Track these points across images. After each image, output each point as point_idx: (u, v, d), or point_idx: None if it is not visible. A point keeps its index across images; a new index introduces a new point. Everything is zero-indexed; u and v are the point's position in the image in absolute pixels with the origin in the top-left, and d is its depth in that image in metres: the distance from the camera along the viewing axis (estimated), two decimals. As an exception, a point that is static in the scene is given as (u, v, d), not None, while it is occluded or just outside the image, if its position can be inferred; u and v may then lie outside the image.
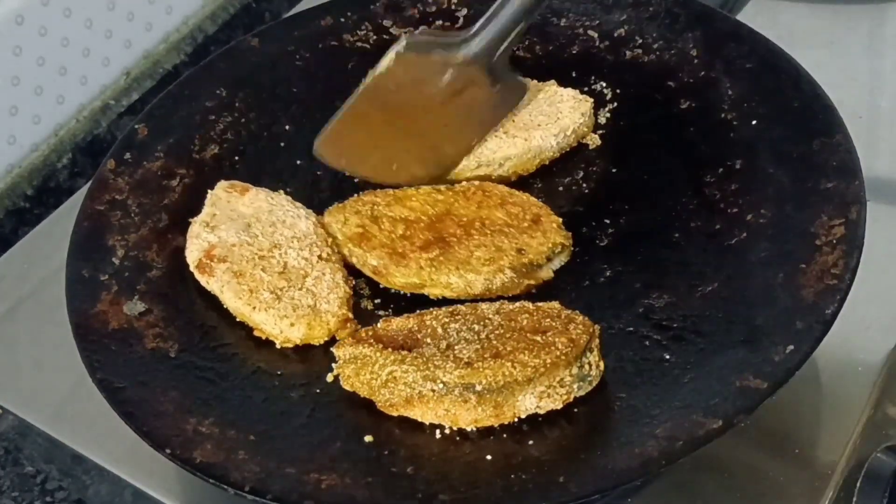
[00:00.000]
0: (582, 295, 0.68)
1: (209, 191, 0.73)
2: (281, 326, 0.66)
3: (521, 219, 0.69)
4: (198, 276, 0.69)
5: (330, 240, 0.71)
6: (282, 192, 0.74)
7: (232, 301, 0.67)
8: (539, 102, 0.77)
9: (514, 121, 0.76)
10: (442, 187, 0.73)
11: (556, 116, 0.76)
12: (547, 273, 0.69)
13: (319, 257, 0.69)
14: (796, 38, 0.89)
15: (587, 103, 0.77)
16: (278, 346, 0.67)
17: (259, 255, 0.69)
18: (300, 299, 0.67)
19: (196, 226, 0.71)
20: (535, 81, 0.78)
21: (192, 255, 0.70)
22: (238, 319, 0.68)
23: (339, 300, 0.67)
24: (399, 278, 0.68)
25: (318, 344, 0.67)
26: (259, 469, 0.58)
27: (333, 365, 0.64)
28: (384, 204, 0.71)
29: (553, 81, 0.79)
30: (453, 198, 0.71)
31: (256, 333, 0.67)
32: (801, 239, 0.65)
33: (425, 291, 0.68)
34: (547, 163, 0.76)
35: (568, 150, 0.77)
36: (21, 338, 0.78)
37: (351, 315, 0.67)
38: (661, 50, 0.81)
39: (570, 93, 0.78)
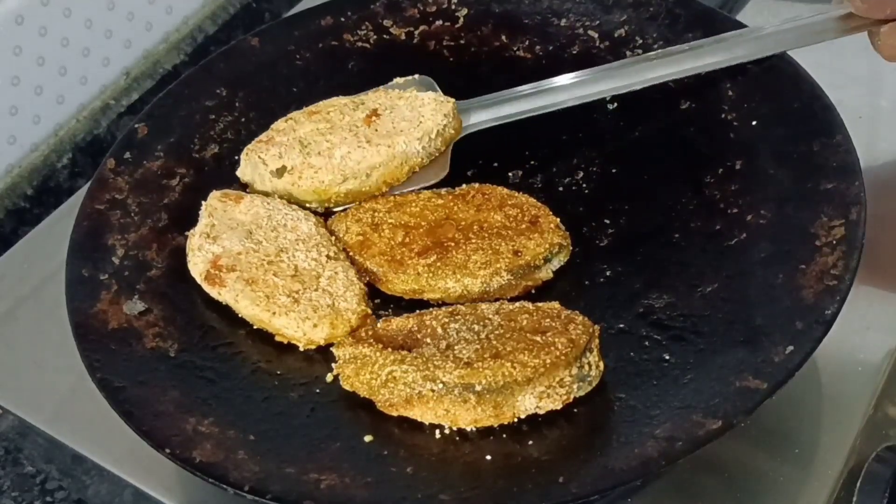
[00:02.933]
0: (582, 295, 0.68)
1: (202, 202, 0.73)
2: (304, 329, 0.66)
3: (519, 220, 0.69)
4: (207, 288, 0.69)
5: (334, 238, 0.71)
6: (276, 196, 0.74)
7: (249, 309, 0.67)
8: (400, 109, 0.75)
9: (376, 129, 0.74)
10: (442, 191, 0.73)
11: (418, 121, 0.74)
12: (546, 273, 0.69)
13: (328, 257, 0.69)
14: (796, 39, 0.88)
15: (449, 104, 0.76)
16: (301, 349, 0.66)
17: (268, 261, 0.68)
18: (318, 300, 0.66)
19: (195, 238, 0.71)
20: (398, 91, 0.78)
21: (198, 267, 0.69)
22: (255, 326, 0.68)
23: (356, 297, 0.67)
24: (398, 285, 0.68)
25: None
26: (259, 469, 0.58)
27: (333, 365, 0.64)
28: (384, 211, 0.71)
29: (413, 89, 0.77)
30: (453, 202, 0.71)
31: (278, 339, 0.67)
32: (801, 239, 0.65)
33: (424, 296, 0.68)
34: (416, 169, 0.75)
35: (437, 154, 0.75)
36: (21, 338, 0.78)
37: (370, 311, 0.67)
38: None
39: (430, 96, 0.76)
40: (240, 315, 0.68)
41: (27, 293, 0.81)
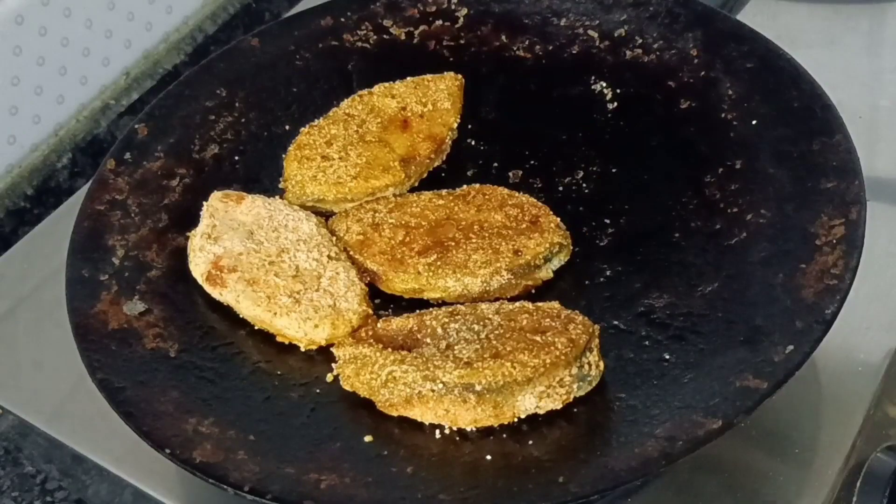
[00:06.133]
0: (582, 295, 0.68)
1: (204, 202, 0.73)
2: (305, 329, 0.66)
3: (519, 220, 0.69)
4: (208, 288, 0.69)
5: (335, 238, 0.71)
6: (277, 196, 0.74)
7: (250, 310, 0.67)
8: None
9: None
10: (442, 192, 0.73)
11: None
12: (546, 273, 0.69)
13: (329, 257, 0.69)
14: (796, 38, 0.89)
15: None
16: (303, 350, 0.66)
17: (269, 261, 0.68)
18: (319, 300, 0.66)
19: (197, 239, 0.70)
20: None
21: (199, 268, 0.69)
22: (257, 327, 0.68)
23: (357, 297, 0.67)
24: (398, 284, 0.68)
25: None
26: (259, 469, 0.58)
27: (333, 365, 0.64)
28: (385, 211, 0.71)
29: None
30: (453, 202, 0.71)
31: (279, 339, 0.67)
32: (801, 239, 0.65)
33: (424, 296, 0.68)
34: None
35: None
36: (21, 338, 0.78)
37: (371, 311, 0.67)
38: (661, 50, 0.81)
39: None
40: (241, 315, 0.68)
41: (27, 293, 0.81)
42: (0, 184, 0.91)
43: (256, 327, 0.68)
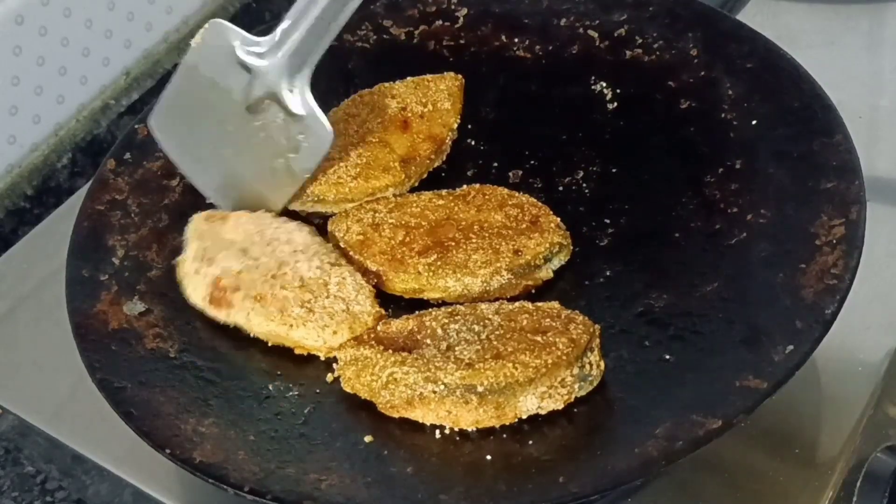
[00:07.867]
0: (582, 295, 0.68)
1: (186, 227, 0.72)
2: (324, 337, 0.65)
3: (519, 220, 0.69)
4: (212, 312, 0.67)
5: (331, 244, 0.70)
6: (262, 210, 0.72)
7: (262, 326, 0.66)
8: None
9: None
10: (443, 192, 0.73)
11: None
12: (546, 273, 0.69)
13: (330, 263, 0.68)
14: (796, 38, 0.89)
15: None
16: (322, 358, 0.66)
17: (271, 275, 0.67)
18: (332, 306, 0.65)
19: (188, 263, 0.69)
20: None
21: (198, 292, 0.68)
22: (271, 343, 0.66)
23: (367, 299, 0.66)
24: (398, 284, 0.68)
25: None
26: (259, 469, 0.58)
27: (334, 366, 0.64)
28: (385, 211, 0.71)
29: None
30: (454, 202, 0.71)
31: (298, 352, 0.66)
32: (801, 239, 0.65)
33: (424, 296, 0.68)
34: None
35: None
36: (21, 338, 0.78)
37: (383, 311, 0.67)
38: (661, 50, 0.81)
39: None
40: (251, 334, 0.67)
41: (27, 293, 0.81)
42: (0, 184, 0.91)
43: (271, 344, 0.66)
